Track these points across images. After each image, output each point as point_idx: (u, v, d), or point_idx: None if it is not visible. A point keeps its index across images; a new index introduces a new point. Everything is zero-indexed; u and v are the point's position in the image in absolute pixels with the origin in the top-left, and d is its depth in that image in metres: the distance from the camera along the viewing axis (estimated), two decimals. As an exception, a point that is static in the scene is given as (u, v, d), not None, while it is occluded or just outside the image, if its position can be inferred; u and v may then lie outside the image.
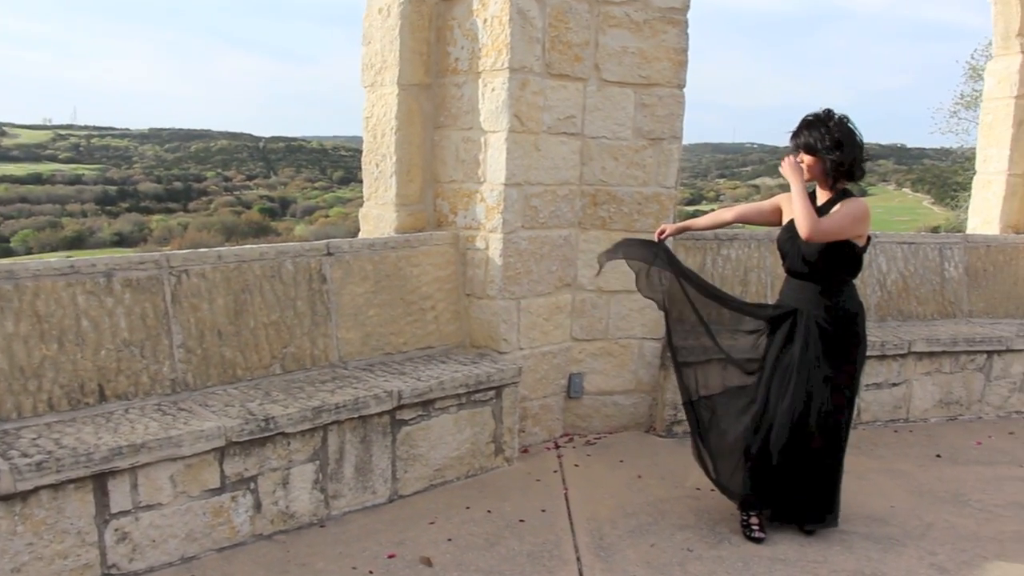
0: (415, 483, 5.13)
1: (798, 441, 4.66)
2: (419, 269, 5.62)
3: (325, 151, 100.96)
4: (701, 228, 5.28)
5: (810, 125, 4.59)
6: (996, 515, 5.17)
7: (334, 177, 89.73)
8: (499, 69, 5.42)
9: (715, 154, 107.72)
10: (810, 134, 4.57)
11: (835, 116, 4.58)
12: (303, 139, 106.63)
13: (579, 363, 6.11)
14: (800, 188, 4.56)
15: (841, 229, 4.52)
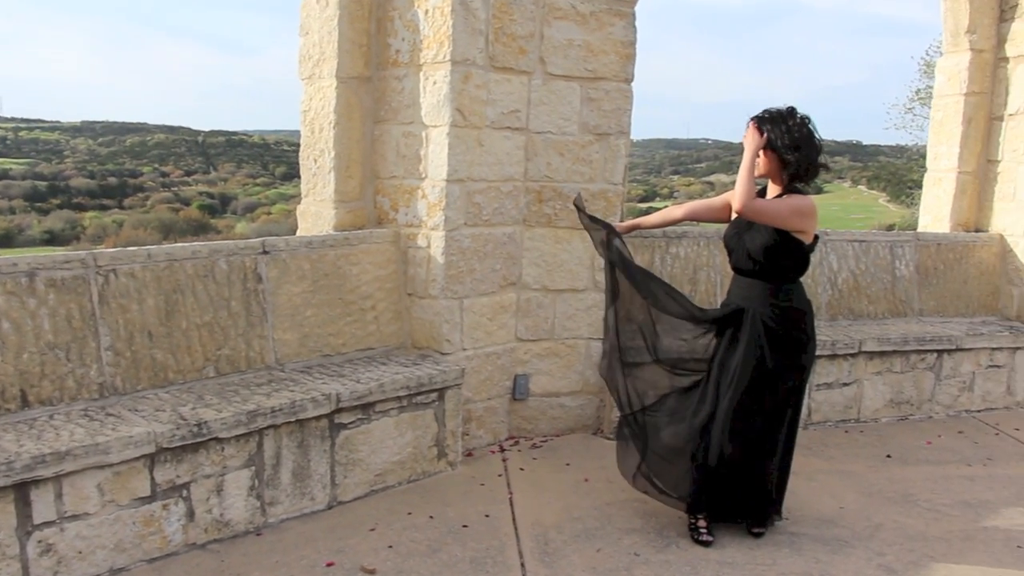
0: (355, 489, 5.11)
1: (744, 442, 4.71)
2: (359, 268, 5.59)
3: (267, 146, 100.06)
4: (651, 226, 5.32)
5: (772, 121, 4.64)
6: (944, 514, 5.27)
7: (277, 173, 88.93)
8: (441, 62, 5.41)
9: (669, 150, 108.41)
10: (771, 130, 4.62)
11: (797, 116, 4.63)
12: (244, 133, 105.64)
13: (524, 364, 6.12)
14: (750, 157, 4.62)
15: (777, 215, 4.58)
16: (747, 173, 4.61)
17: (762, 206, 4.62)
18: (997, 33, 7.93)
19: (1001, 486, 5.74)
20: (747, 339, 4.69)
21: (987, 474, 5.96)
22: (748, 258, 4.71)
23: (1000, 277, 7.95)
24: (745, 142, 4.68)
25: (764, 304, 4.69)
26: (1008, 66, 7.86)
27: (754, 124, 4.65)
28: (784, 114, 4.63)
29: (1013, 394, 7.49)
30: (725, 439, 4.68)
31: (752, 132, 4.65)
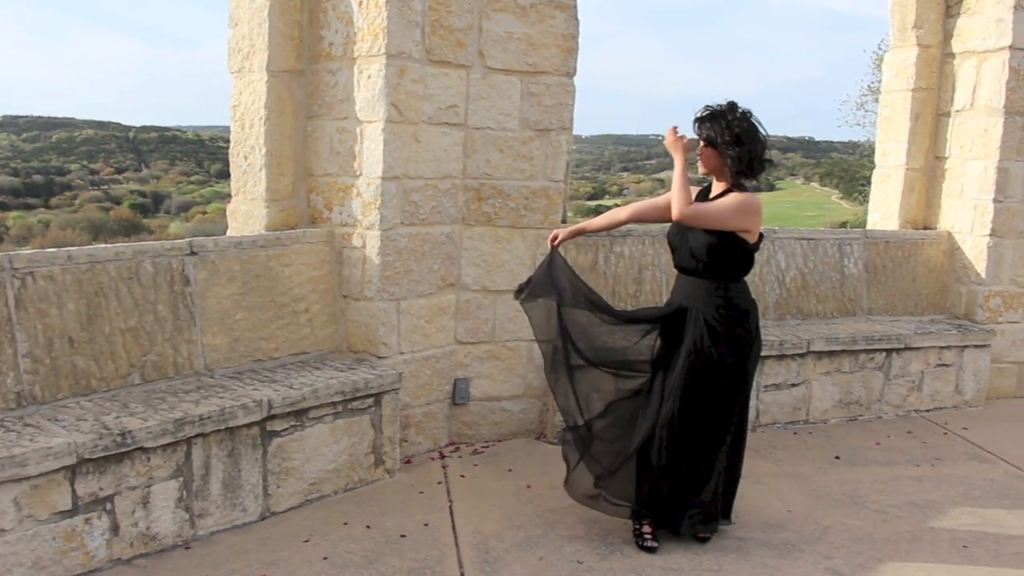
0: (289, 499, 5.07)
1: (689, 445, 4.74)
2: (291, 269, 5.55)
3: (202, 142, 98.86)
4: (596, 230, 5.34)
5: (712, 117, 4.68)
6: (892, 516, 5.35)
7: (212, 170, 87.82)
8: (375, 55, 5.39)
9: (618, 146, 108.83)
10: (711, 126, 4.66)
11: (738, 110, 4.68)
12: (178, 129, 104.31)
13: (464, 367, 6.12)
14: (681, 165, 4.67)
15: (720, 217, 4.62)
16: (681, 179, 4.67)
17: (702, 210, 4.66)
18: (944, 28, 8.07)
19: (948, 486, 5.85)
20: (690, 339, 4.72)
21: (935, 474, 6.07)
22: (691, 257, 4.74)
23: (948, 275, 8.09)
24: (668, 147, 4.75)
25: (708, 303, 4.72)
26: (955, 62, 8.00)
27: (671, 129, 4.75)
28: (724, 110, 4.67)
29: (961, 393, 7.62)
30: (669, 442, 4.71)
31: (673, 140, 4.73)
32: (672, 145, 4.73)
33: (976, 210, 7.84)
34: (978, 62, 7.79)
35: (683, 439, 4.73)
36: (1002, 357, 7.90)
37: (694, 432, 4.74)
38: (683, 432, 4.72)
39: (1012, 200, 7.72)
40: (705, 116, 4.70)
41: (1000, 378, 7.92)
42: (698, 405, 4.73)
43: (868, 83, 23.88)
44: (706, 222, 4.64)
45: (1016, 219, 7.77)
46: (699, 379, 4.72)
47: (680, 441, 4.73)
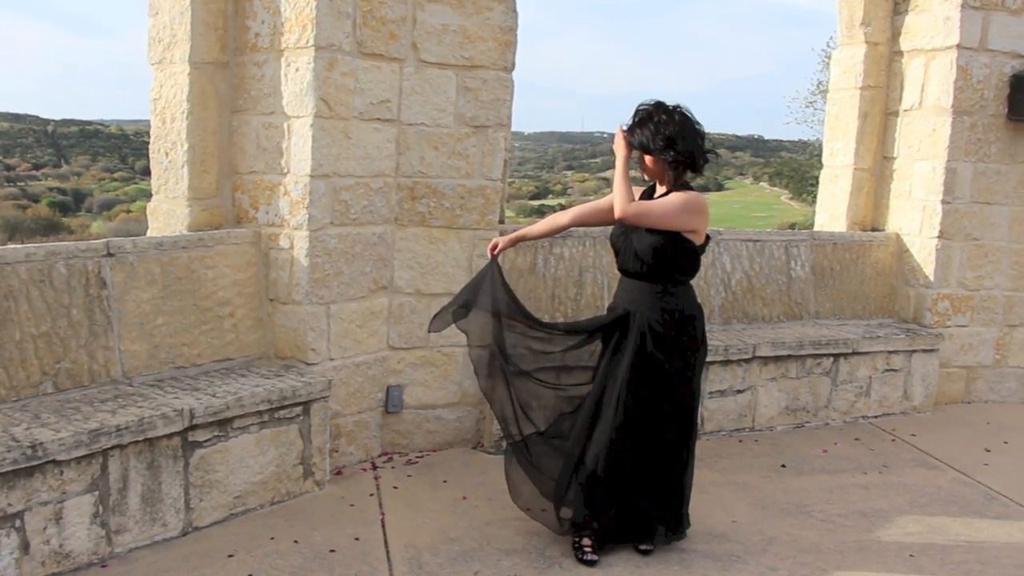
0: (213, 513, 5.01)
1: (632, 455, 4.76)
2: (215, 271, 5.49)
3: (126, 137, 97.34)
4: (536, 236, 5.32)
5: (640, 123, 4.72)
6: (838, 525, 5.42)
7: (136, 167, 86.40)
8: (304, 47, 5.35)
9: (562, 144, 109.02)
10: (641, 133, 4.70)
11: (664, 110, 4.70)
12: (100, 123, 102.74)
13: (398, 374, 6.10)
14: (622, 163, 4.71)
15: (663, 216, 4.65)
16: (622, 179, 4.71)
17: (645, 209, 4.69)
18: (892, 26, 8.21)
19: (896, 494, 5.94)
20: (633, 345, 4.74)
21: (882, 482, 6.16)
22: (636, 259, 4.76)
23: (897, 278, 8.22)
24: (615, 149, 4.78)
25: (652, 308, 4.75)
26: (903, 60, 8.13)
27: (621, 130, 4.77)
28: (650, 112, 4.71)
29: (910, 399, 7.74)
30: (609, 452, 4.72)
31: (619, 139, 4.77)
32: (617, 145, 4.77)
33: (924, 211, 7.97)
34: (926, 61, 7.93)
35: (627, 449, 4.75)
36: (950, 361, 8.03)
37: (639, 441, 4.76)
38: (627, 442, 4.74)
39: (960, 201, 7.85)
40: (634, 124, 4.73)
41: (948, 383, 8.05)
42: (643, 414, 4.75)
43: (817, 81, 24.22)
44: (649, 221, 4.67)
45: (964, 221, 7.91)
46: (644, 386, 4.75)
47: (624, 451, 4.75)
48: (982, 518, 5.63)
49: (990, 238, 8.03)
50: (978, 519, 5.61)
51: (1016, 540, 5.33)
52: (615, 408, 4.73)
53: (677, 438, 4.90)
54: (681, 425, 4.91)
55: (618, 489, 4.79)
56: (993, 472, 6.42)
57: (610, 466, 4.74)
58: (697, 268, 4.89)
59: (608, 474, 4.74)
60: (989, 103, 7.81)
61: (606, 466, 4.74)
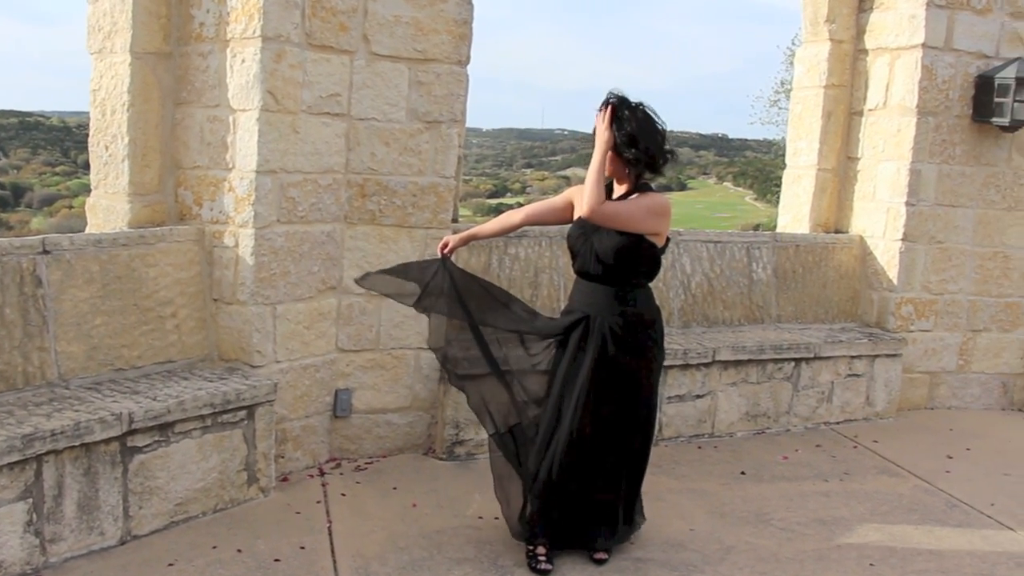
0: (153, 521, 4.98)
1: (588, 461, 4.79)
2: (157, 270, 5.46)
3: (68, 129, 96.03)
4: (489, 235, 5.34)
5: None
6: (798, 534, 5.48)
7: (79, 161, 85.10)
8: (250, 37, 5.34)
9: (521, 141, 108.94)
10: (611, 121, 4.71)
11: (628, 105, 4.72)
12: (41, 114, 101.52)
13: (347, 377, 6.09)
14: (600, 157, 4.69)
15: (630, 218, 4.68)
16: (597, 175, 4.67)
17: (613, 210, 4.70)
18: (857, 23, 8.28)
19: (857, 502, 6.01)
20: (593, 350, 4.76)
21: (843, 490, 6.23)
22: (596, 261, 4.77)
23: (860, 281, 8.31)
24: (597, 138, 4.75)
25: (611, 311, 4.77)
26: (868, 59, 8.22)
27: (607, 113, 4.73)
28: (615, 107, 4.72)
29: (872, 404, 7.83)
30: (565, 458, 4.74)
31: (602, 126, 4.73)
32: (599, 135, 4.74)
33: (888, 214, 8.05)
34: (891, 59, 8.01)
35: (587, 454, 4.78)
36: (914, 367, 8.12)
37: (596, 447, 4.79)
38: (587, 447, 4.77)
39: (924, 204, 7.95)
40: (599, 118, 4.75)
41: (911, 388, 8.15)
42: (604, 418, 4.78)
43: (782, 79, 24.42)
44: (616, 222, 4.69)
45: (929, 223, 8.01)
46: (605, 391, 4.78)
47: (584, 457, 4.77)
48: (943, 526, 5.72)
49: (954, 241, 8.13)
50: (939, 527, 5.69)
51: (977, 548, 5.41)
52: (575, 414, 4.74)
53: (639, 443, 4.94)
54: (642, 429, 4.95)
55: (576, 497, 4.81)
56: (955, 479, 6.51)
57: (569, 473, 4.76)
58: (658, 270, 4.93)
59: (566, 481, 4.76)
60: (954, 104, 7.90)
61: (565, 473, 4.76)
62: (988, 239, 8.21)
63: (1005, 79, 7.69)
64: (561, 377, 4.83)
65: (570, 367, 4.81)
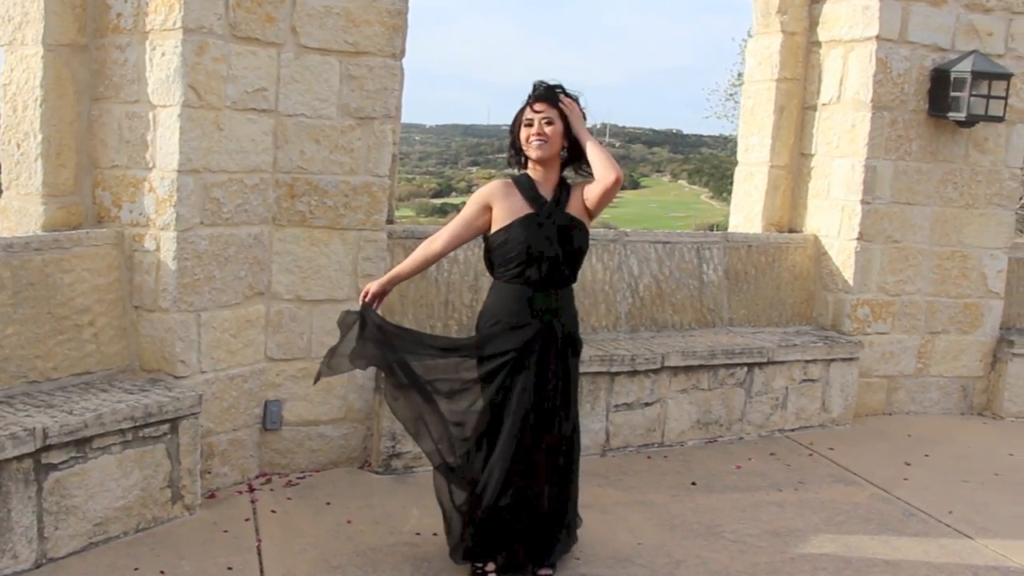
0: (70, 542, 4.93)
1: (537, 473, 4.82)
2: (73, 276, 5.41)
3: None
4: (412, 273, 5.15)
5: (550, 92, 4.77)
6: (750, 546, 5.53)
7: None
8: (171, 29, 5.32)
9: (467, 138, 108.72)
10: (555, 103, 4.74)
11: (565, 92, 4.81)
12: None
13: (277, 388, 6.08)
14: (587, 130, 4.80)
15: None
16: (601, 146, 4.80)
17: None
18: (809, 14, 8.36)
19: (811, 512, 6.08)
20: (562, 359, 4.85)
21: (798, 499, 6.29)
22: (569, 262, 4.83)
23: (815, 282, 8.40)
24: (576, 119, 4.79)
25: (570, 313, 4.87)
26: (821, 51, 8.31)
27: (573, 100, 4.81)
28: (554, 86, 4.82)
29: (828, 411, 7.91)
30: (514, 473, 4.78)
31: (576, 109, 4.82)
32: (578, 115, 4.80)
33: (843, 212, 8.15)
34: (845, 52, 8.10)
35: (532, 467, 4.82)
36: (871, 371, 8.22)
37: (548, 458, 4.86)
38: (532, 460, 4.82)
39: (880, 202, 8.05)
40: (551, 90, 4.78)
41: (869, 393, 8.25)
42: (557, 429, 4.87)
43: (738, 72, 24.56)
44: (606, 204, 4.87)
45: (885, 222, 8.11)
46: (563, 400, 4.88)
47: (529, 469, 4.82)
48: (900, 536, 5.80)
49: (912, 240, 8.23)
50: (896, 537, 5.77)
51: (934, 558, 5.49)
52: (515, 428, 4.77)
53: (577, 448, 5.02)
54: (577, 432, 5.05)
55: (527, 514, 4.83)
56: (913, 487, 6.61)
57: (520, 487, 4.79)
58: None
59: (516, 496, 4.78)
60: (910, 98, 8.01)
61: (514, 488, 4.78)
62: (946, 238, 8.33)
63: (961, 72, 7.80)
64: (522, 396, 4.78)
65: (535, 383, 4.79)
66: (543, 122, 4.72)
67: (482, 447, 4.84)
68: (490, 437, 4.81)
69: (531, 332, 4.78)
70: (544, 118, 4.72)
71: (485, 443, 4.83)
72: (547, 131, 4.72)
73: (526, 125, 4.76)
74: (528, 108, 4.77)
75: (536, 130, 4.72)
